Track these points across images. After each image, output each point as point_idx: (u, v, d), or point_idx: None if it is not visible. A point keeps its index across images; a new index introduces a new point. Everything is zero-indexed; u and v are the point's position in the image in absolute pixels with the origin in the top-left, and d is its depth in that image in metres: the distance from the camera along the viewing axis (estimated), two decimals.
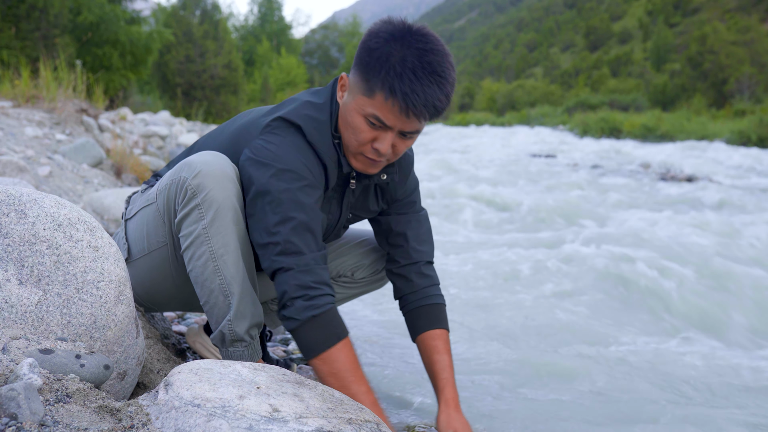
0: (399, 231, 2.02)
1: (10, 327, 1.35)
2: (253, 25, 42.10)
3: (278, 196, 1.65)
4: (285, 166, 1.67)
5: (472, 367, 2.69)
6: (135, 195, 1.99)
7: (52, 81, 6.89)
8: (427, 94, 1.61)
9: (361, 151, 1.73)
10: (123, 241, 1.93)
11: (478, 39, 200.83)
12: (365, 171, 1.79)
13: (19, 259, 1.39)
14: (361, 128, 1.69)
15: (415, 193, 2.08)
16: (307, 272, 1.65)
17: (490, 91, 78.20)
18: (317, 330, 1.65)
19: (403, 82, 1.59)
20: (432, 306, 1.99)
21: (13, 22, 18.52)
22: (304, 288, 1.64)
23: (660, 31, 74.89)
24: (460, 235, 5.90)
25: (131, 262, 1.91)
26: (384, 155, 1.72)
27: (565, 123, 39.12)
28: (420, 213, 2.08)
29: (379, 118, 1.65)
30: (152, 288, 1.94)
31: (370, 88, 1.64)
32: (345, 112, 1.73)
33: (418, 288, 2.00)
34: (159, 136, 9.81)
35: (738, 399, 2.50)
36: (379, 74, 1.61)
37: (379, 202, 2.01)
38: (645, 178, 11.16)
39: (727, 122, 26.97)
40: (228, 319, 1.76)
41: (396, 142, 1.71)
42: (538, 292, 3.95)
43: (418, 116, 1.63)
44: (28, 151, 4.52)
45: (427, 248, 2.06)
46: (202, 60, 31.83)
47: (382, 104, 1.63)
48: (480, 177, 10.63)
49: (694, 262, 4.41)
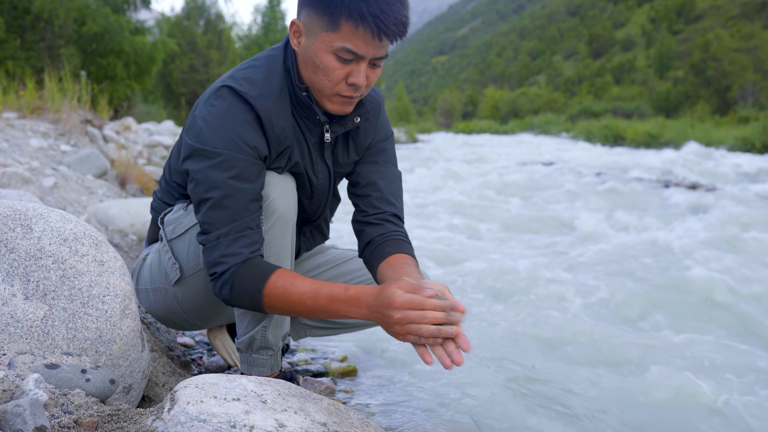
0: (369, 180, 1.93)
1: (16, 342, 1.35)
2: (256, 34, 42.24)
3: (194, 176, 1.67)
4: (200, 145, 1.66)
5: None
6: (171, 215, 1.95)
7: (57, 92, 6.92)
8: (395, 11, 1.57)
9: (336, 91, 1.68)
10: (172, 262, 1.90)
11: (481, 47, 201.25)
12: (342, 112, 1.74)
13: (25, 274, 1.40)
14: (333, 66, 1.64)
15: (387, 141, 2.00)
16: (215, 247, 1.66)
17: (493, 99, 78.35)
18: (242, 297, 1.65)
19: (369, 4, 1.54)
20: (401, 241, 1.85)
21: (18, 33, 18.65)
22: (213, 265, 1.66)
23: (663, 38, 75.02)
24: (481, 242, 5.90)
25: (183, 279, 1.90)
26: (360, 88, 1.68)
27: (569, 130, 39.13)
28: (393, 168, 2.00)
29: (350, 50, 1.60)
30: (203, 303, 1.93)
31: (334, 21, 1.58)
32: (309, 56, 1.67)
33: (387, 231, 1.87)
34: (163, 146, 9.85)
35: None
36: (342, 3, 1.55)
37: (350, 152, 1.94)
38: (648, 185, 11.15)
39: (731, 129, 26.94)
40: (263, 325, 1.78)
41: (368, 72, 1.67)
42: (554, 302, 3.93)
43: (390, 37, 1.59)
44: (33, 163, 4.53)
45: (397, 202, 1.95)
46: (206, 69, 31.98)
47: (353, 33, 1.58)
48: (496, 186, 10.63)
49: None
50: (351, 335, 3.07)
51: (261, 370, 1.84)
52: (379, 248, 1.83)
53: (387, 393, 2.43)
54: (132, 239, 4.03)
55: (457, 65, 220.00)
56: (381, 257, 1.80)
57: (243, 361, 1.85)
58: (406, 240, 1.88)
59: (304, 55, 1.69)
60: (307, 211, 2.00)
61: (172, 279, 1.90)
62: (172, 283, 1.91)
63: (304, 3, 1.65)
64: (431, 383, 2.53)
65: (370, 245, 1.87)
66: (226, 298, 1.67)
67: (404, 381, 2.57)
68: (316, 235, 2.15)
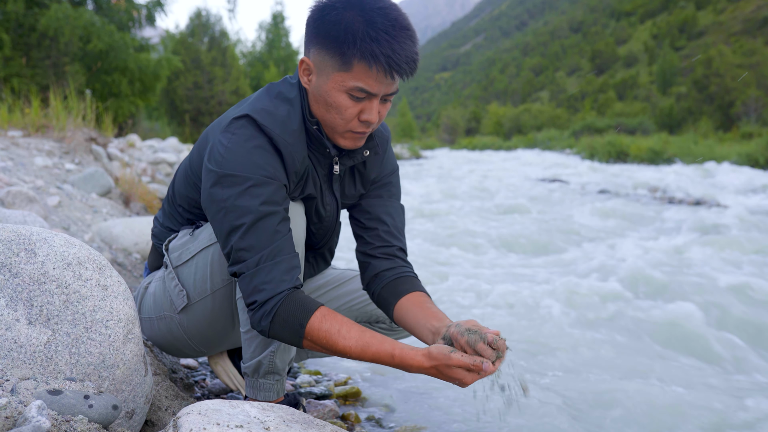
0: (376, 215, 1.96)
1: (19, 367, 1.35)
2: (260, 51, 42.41)
3: (223, 205, 1.63)
4: (228, 171, 1.63)
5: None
6: (177, 242, 1.95)
7: (61, 110, 6.94)
8: (405, 50, 1.59)
9: (349, 128, 1.71)
10: (178, 289, 1.90)
11: (484, 63, 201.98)
12: (354, 146, 1.77)
13: (29, 299, 1.40)
14: (345, 105, 1.66)
15: (392, 175, 2.03)
16: (255, 275, 1.61)
17: (496, 115, 78.44)
18: (282, 330, 1.60)
19: (381, 45, 1.56)
20: (412, 278, 1.89)
21: (24, 51, 18.76)
22: (253, 293, 1.61)
23: (665, 54, 75.17)
24: (480, 259, 5.88)
25: (190, 306, 1.89)
26: (372, 124, 1.70)
27: (572, 147, 39.13)
28: (397, 202, 2.03)
29: (363, 89, 1.62)
30: (209, 329, 1.94)
31: (347, 62, 1.60)
32: (321, 95, 1.68)
33: (396, 265, 1.91)
34: (167, 163, 9.86)
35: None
36: (355, 44, 1.57)
37: (357, 185, 1.97)
38: (652, 201, 11.13)
39: (735, 145, 26.92)
40: (271, 350, 1.77)
41: (379, 108, 1.70)
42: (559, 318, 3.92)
43: (402, 75, 1.62)
44: (38, 181, 4.54)
45: (403, 238, 1.99)
46: (210, 86, 32.07)
47: (366, 73, 1.60)
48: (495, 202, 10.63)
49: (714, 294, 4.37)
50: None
51: (267, 395, 1.84)
52: (393, 285, 1.86)
53: (391, 415, 2.42)
54: (136, 258, 4.03)
55: (460, 81, 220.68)
56: (397, 295, 1.83)
57: (249, 386, 1.84)
58: (416, 277, 1.91)
59: (315, 93, 1.70)
60: (313, 239, 2.01)
61: (178, 306, 1.90)
62: (178, 311, 1.90)
63: (313, 42, 1.65)
64: (437, 404, 2.52)
65: (379, 279, 1.90)
66: (264, 330, 1.62)
67: (408, 402, 2.56)
68: (320, 261, 2.16)
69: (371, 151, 1.88)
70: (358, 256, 1.98)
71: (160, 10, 22.91)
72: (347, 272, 2.29)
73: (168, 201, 2.04)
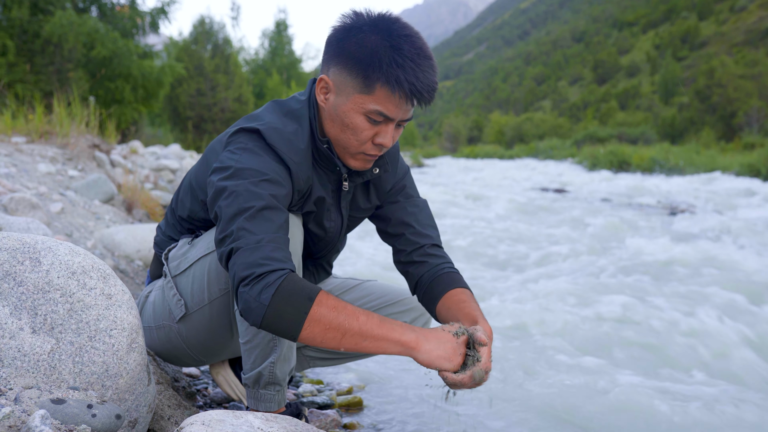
0: (398, 219, 1.96)
1: (22, 376, 1.35)
2: (263, 58, 42.53)
3: (233, 190, 1.59)
4: (242, 166, 1.63)
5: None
6: (176, 251, 1.94)
7: (65, 117, 6.95)
8: (428, 78, 1.61)
9: (362, 150, 1.72)
10: (177, 298, 1.89)
11: (487, 72, 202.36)
12: (363, 168, 1.78)
13: (33, 308, 1.40)
14: (362, 127, 1.67)
15: (405, 178, 2.03)
16: (255, 250, 1.51)
17: (498, 124, 78.54)
18: (285, 304, 1.47)
19: (406, 71, 1.58)
20: (449, 274, 1.88)
21: (28, 57, 18.83)
22: (252, 266, 1.49)
23: (668, 64, 75.32)
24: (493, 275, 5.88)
25: (188, 315, 1.89)
26: (386, 148, 1.71)
27: (574, 156, 39.15)
28: (418, 199, 2.03)
29: (382, 113, 1.64)
30: (208, 338, 1.93)
31: (370, 85, 1.61)
32: (338, 114, 1.69)
33: (431, 266, 1.90)
34: (170, 170, 9.86)
35: None
36: (380, 68, 1.58)
37: (371, 198, 1.98)
38: (654, 211, 11.13)
39: (737, 155, 26.92)
40: (271, 360, 1.76)
41: (394, 132, 1.71)
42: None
43: (422, 102, 1.63)
44: (41, 188, 4.54)
45: (432, 232, 1.98)
46: (213, 93, 32.15)
47: (388, 97, 1.61)
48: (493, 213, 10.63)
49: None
50: (355, 364, 3.06)
51: (268, 406, 1.83)
52: (430, 289, 1.87)
53: (392, 425, 2.41)
54: (138, 265, 4.03)
55: (462, 90, 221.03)
56: (434, 299, 1.85)
57: (250, 397, 1.84)
58: (452, 270, 1.91)
59: (332, 112, 1.71)
60: (312, 248, 2.02)
61: (176, 316, 1.90)
62: (177, 320, 1.90)
63: (334, 61, 1.66)
64: (439, 413, 2.51)
65: (420, 286, 1.91)
66: (263, 303, 1.47)
67: (409, 412, 2.55)
68: (320, 270, 2.17)
69: (381, 169, 1.89)
70: (398, 266, 1.99)
71: (164, 17, 23.00)
72: (349, 281, 2.29)
73: (171, 211, 2.05)
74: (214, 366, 2.23)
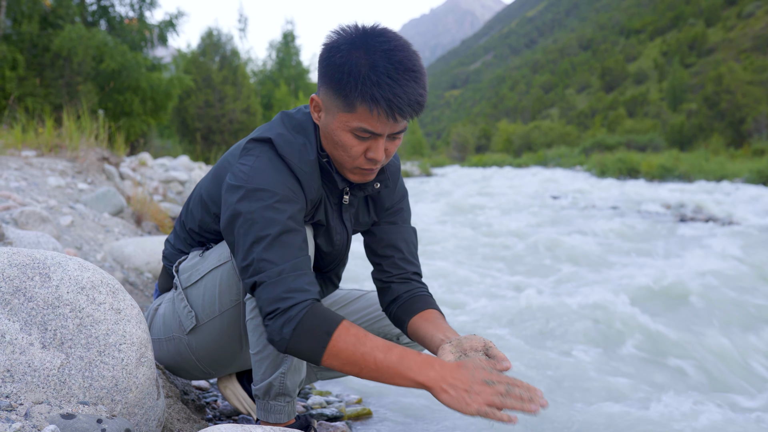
0: (391, 242, 2.00)
1: (32, 391, 1.35)
2: (271, 70, 42.70)
3: (249, 217, 1.62)
4: (254, 186, 1.65)
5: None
6: (187, 263, 1.96)
7: (75, 130, 7.00)
8: (408, 93, 1.58)
9: (356, 165, 1.72)
10: (187, 310, 1.91)
11: (494, 81, 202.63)
12: (363, 181, 1.79)
13: (43, 323, 1.40)
14: (351, 144, 1.67)
15: (403, 201, 2.06)
16: (278, 283, 1.57)
17: (506, 133, 78.61)
18: (305, 338, 1.54)
19: (382, 89, 1.55)
20: (427, 297, 1.95)
21: (38, 71, 19.00)
22: (276, 301, 1.56)
23: (675, 71, 75.20)
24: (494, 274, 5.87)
25: (198, 327, 1.90)
26: (379, 162, 1.71)
27: (583, 163, 39.12)
28: (409, 226, 2.07)
29: (366, 130, 1.63)
30: (218, 350, 1.94)
31: (350, 104, 1.60)
32: (329, 132, 1.70)
33: (412, 287, 1.96)
34: (179, 182, 9.91)
35: None
36: (357, 88, 1.57)
37: (371, 213, 2.00)
38: (664, 219, 11.08)
39: (746, 162, 26.84)
40: (281, 371, 1.77)
41: (387, 145, 1.70)
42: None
43: (405, 116, 1.61)
44: (51, 201, 4.57)
45: (417, 261, 2.03)
46: (221, 105, 32.32)
47: (368, 116, 1.60)
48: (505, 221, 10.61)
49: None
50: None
51: (278, 417, 1.83)
52: (407, 304, 1.93)
53: None
54: (147, 277, 4.04)
55: (470, 99, 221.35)
56: (411, 312, 1.90)
57: (260, 408, 1.84)
58: (430, 295, 1.98)
59: (324, 130, 1.73)
60: (321, 263, 2.03)
61: (187, 327, 1.90)
62: (187, 332, 1.91)
63: (321, 81, 1.67)
64: (453, 425, 2.50)
65: (397, 301, 1.96)
66: (284, 338, 1.55)
67: (420, 423, 2.55)
68: (328, 284, 2.18)
69: (382, 184, 1.90)
70: (376, 282, 2.02)
71: (172, 29, 23.17)
72: (354, 292, 2.31)
73: (180, 224, 2.05)
74: (222, 380, 2.23)
